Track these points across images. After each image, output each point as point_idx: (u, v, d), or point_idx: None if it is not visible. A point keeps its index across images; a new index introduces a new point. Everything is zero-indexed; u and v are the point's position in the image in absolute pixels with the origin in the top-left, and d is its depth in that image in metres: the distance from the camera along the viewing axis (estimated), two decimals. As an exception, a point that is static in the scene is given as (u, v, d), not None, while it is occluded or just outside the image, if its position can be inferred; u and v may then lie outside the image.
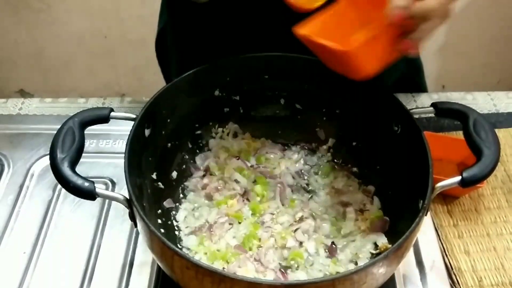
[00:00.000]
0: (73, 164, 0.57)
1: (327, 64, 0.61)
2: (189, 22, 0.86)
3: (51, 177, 0.64)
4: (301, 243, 0.65)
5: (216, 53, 0.74)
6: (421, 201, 0.56)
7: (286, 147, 0.78)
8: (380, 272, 0.54)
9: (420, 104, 0.92)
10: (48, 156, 0.58)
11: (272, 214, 0.68)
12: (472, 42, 1.89)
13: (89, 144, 0.80)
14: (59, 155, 0.56)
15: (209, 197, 0.70)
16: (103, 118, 0.62)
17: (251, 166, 0.75)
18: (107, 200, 0.75)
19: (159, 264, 0.60)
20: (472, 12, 1.73)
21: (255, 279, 0.58)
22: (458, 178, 0.56)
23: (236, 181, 0.71)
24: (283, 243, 0.65)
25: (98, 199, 0.65)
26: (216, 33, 0.84)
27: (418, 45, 0.56)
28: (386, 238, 0.65)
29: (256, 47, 0.73)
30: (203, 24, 0.84)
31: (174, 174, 0.73)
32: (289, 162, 0.75)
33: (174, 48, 0.95)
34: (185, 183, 0.73)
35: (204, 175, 0.73)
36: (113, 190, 0.77)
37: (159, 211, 0.68)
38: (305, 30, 0.58)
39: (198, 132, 0.77)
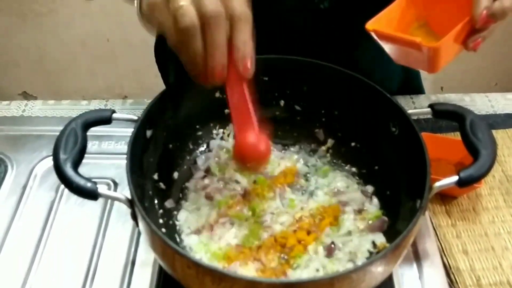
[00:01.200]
0: (76, 165, 0.57)
1: (397, 60, 0.66)
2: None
3: (53, 178, 0.65)
4: (300, 242, 0.66)
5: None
6: (419, 201, 0.57)
7: (285, 148, 0.79)
8: (378, 271, 0.55)
9: (418, 106, 0.93)
10: (51, 158, 0.58)
11: (272, 214, 0.69)
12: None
13: (91, 145, 0.81)
14: (62, 156, 0.57)
15: (210, 198, 0.71)
16: (105, 119, 0.63)
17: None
18: (109, 201, 0.76)
19: (161, 263, 0.61)
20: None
21: (255, 278, 0.59)
22: (455, 178, 0.56)
23: (237, 182, 0.72)
24: (283, 243, 0.66)
25: (101, 200, 0.66)
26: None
27: (482, 42, 0.61)
28: (384, 238, 0.66)
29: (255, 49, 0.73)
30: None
31: (175, 174, 0.74)
32: (288, 163, 0.76)
33: (172, 52, 0.95)
34: (186, 184, 0.74)
35: (204, 176, 0.74)
36: (115, 190, 0.78)
37: (161, 211, 0.69)
38: (378, 26, 0.62)
39: (199, 133, 0.77)
